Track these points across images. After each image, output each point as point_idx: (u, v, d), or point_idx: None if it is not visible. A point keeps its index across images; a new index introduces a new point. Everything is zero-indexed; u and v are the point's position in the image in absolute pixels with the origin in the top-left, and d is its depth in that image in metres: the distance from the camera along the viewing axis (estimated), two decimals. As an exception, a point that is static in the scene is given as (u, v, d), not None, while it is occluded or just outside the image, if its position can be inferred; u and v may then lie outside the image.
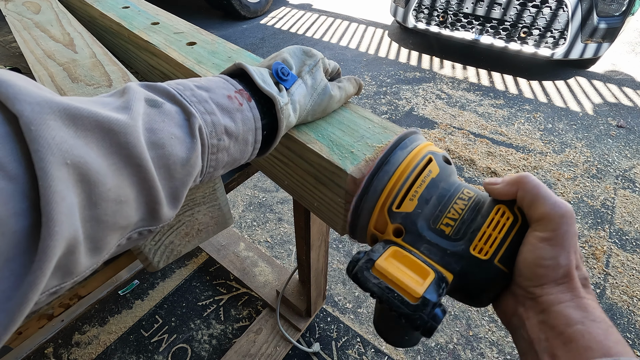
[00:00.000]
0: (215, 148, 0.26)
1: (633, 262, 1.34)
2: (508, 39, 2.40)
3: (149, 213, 0.22)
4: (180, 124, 0.23)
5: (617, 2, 2.14)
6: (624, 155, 1.86)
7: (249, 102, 0.28)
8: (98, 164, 0.18)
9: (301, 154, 0.37)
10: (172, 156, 0.22)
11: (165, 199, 0.22)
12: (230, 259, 1.24)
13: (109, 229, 0.19)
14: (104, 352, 1.06)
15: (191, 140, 0.23)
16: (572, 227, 0.23)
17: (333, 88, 0.37)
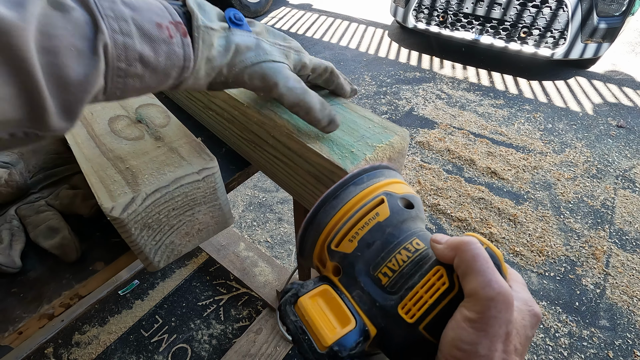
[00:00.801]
0: (123, 72, 0.24)
1: (633, 262, 1.34)
2: (508, 39, 2.40)
3: (33, 117, 0.21)
4: (85, 36, 0.21)
5: (617, 2, 2.14)
6: (624, 155, 1.87)
7: (184, 37, 0.26)
8: None
9: (301, 154, 0.36)
10: (66, 67, 0.20)
11: (54, 108, 0.21)
12: (230, 259, 1.24)
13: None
14: (104, 352, 1.06)
15: (92, 56, 0.21)
16: (503, 314, 0.19)
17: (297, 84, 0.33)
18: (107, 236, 0.41)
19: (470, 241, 0.22)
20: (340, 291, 0.25)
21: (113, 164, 0.36)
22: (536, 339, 1.12)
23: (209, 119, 0.53)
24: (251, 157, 0.48)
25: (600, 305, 1.21)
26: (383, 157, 0.34)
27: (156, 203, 0.34)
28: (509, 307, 0.19)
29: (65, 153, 0.48)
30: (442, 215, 1.51)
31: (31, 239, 0.39)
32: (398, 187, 0.28)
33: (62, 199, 0.42)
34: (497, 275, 0.20)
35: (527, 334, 0.21)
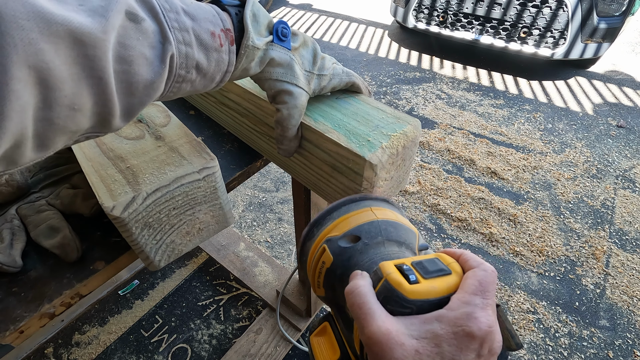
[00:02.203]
0: (181, 78, 0.25)
1: (633, 262, 1.34)
2: (508, 39, 2.40)
3: (101, 122, 0.22)
4: (153, 45, 0.22)
5: (617, 2, 2.14)
6: (624, 155, 1.87)
7: (231, 45, 0.28)
8: (60, 71, 0.18)
9: (318, 144, 0.37)
10: (136, 75, 0.22)
11: (119, 111, 0.22)
12: (230, 259, 1.24)
13: (59, 131, 0.20)
14: (104, 352, 1.06)
15: (160, 65, 0.23)
16: (380, 357, 0.18)
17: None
18: (107, 235, 0.41)
19: (350, 290, 0.21)
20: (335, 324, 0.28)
21: (114, 163, 0.36)
22: (536, 338, 1.12)
23: (221, 114, 0.53)
24: (264, 149, 0.49)
25: (600, 305, 1.21)
26: (398, 145, 0.35)
27: (157, 202, 0.34)
28: (384, 348, 0.18)
29: (66, 152, 0.48)
30: (442, 215, 1.51)
31: (32, 239, 0.39)
32: (343, 226, 0.28)
33: (62, 198, 0.42)
34: (369, 319, 0.19)
35: (455, 358, 0.18)
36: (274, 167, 1.77)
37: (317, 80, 0.37)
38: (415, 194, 1.60)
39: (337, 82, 0.39)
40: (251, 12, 0.29)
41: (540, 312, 1.19)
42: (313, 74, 0.36)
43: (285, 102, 0.34)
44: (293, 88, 0.34)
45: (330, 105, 0.40)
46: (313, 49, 0.37)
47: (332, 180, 0.39)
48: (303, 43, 0.35)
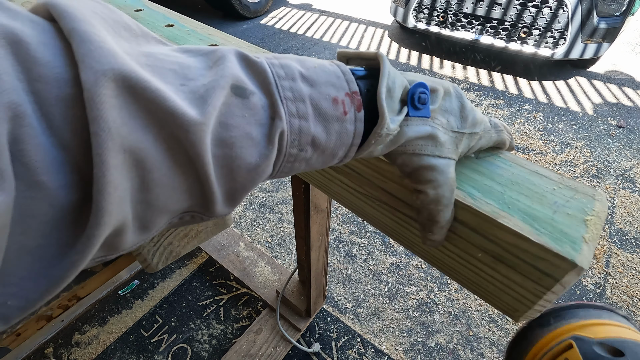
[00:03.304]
0: (292, 157, 0.21)
1: (633, 262, 1.34)
2: (508, 39, 2.40)
3: (202, 204, 0.20)
4: (261, 122, 0.19)
5: (617, 2, 2.13)
6: (624, 155, 1.86)
7: (358, 112, 0.22)
8: (154, 149, 0.16)
9: (481, 229, 0.28)
10: (238, 159, 0.19)
11: (220, 196, 0.20)
12: (230, 259, 1.24)
13: (159, 211, 0.18)
14: (104, 352, 1.06)
15: (266, 146, 0.19)
16: None
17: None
18: (105, 237, 0.41)
19: None
20: None
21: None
22: (536, 339, 1.12)
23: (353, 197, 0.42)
24: (369, 214, 0.39)
25: (600, 306, 1.21)
26: (597, 235, 0.26)
27: (155, 204, 0.34)
28: None
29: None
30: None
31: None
32: (597, 330, 0.24)
33: (61, 200, 0.42)
34: None
35: None
36: (273, 167, 1.77)
37: (467, 141, 0.28)
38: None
39: (486, 141, 0.30)
40: (386, 87, 0.22)
41: (540, 313, 1.19)
42: (463, 134, 0.27)
43: (429, 180, 0.26)
44: (437, 161, 0.25)
45: (474, 169, 0.31)
46: (458, 98, 0.27)
47: (490, 273, 0.30)
48: (444, 94, 0.27)
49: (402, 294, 1.23)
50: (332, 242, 1.41)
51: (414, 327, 1.14)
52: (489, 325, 1.15)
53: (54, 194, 0.14)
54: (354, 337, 1.11)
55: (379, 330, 1.13)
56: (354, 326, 1.14)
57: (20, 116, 0.13)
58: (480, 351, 1.08)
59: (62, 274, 0.15)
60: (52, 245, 0.14)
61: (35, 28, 0.14)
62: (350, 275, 1.29)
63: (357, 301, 1.21)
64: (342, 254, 1.36)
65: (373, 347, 1.08)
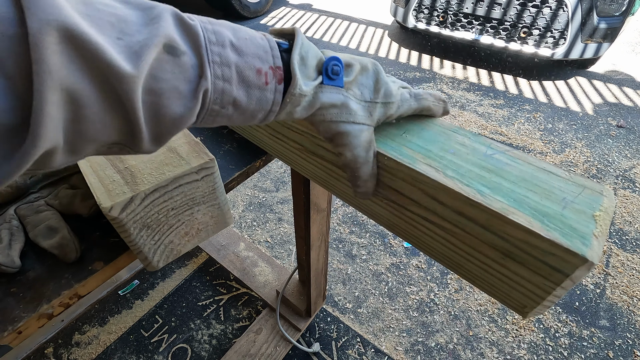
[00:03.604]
0: (215, 112, 0.24)
1: (633, 262, 1.34)
2: (508, 39, 2.40)
3: (131, 141, 0.22)
4: (189, 79, 0.22)
5: (617, 2, 2.14)
6: (624, 155, 1.86)
7: (278, 84, 0.26)
8: (89, 91, 0.18)
9: (489, 225, 0.28)
10: (165, 108, 0.21)
11: (147, 137, 0.22)
12: (230, 259, 1.24)
13: (88, 141, 0.20)
14: (104, 352, 1.06)
15: (191, 99, 0.22)
16: None
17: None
18: (106, 236, 0.41)
19: None
20: None
21: (112, 163, 0.36)
22: (536, 338, 1.12)
23: (306, 162, 0.44)
24: (376, 213, 0.39)
25: (600, 305, 1.21)
26: (606, 230, 0.26)
27: (155, 203, 0.34)
28: None
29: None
30: (442, 215, 1.51)
31: (30, 239, 0.39)
32: None
33: (61, 198, 0.42)
34: None
35: None
36: (273, 167, 1.77)
37: (381, 109, 0.32)
38: (415, 194, 1.60)
39: (406, 109, 0.35)
40: (299, 55, 0.26)
41: (540, 312, 1.19)
42: (376, 103, 0.32)
43: (345, 144, 0.30)
44: (351, 127, 0.30)
45: (483, 167, 0.31)
46: (374, 74, 0.32)
47: (498, 269, 0.30)
48: (360, 70, 0.31)
49: (402, 294, 1.23)
50: (332, 242, 1.41)
51: (414, 327, 1.14)
52: (489, 325, 1.15)
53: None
54: (354, 337, 1.11)
55: (379, 330, 1.13)
56: (354, 326, 1.14)
57: None
58: (480, 351, 1.08)
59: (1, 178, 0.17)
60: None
61: None
62: (350, 275, 1.29)
63: (357, 301, 1.21)
64: (342, 254, 1.36)
65: (373, 347, 1.08)
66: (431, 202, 0.32)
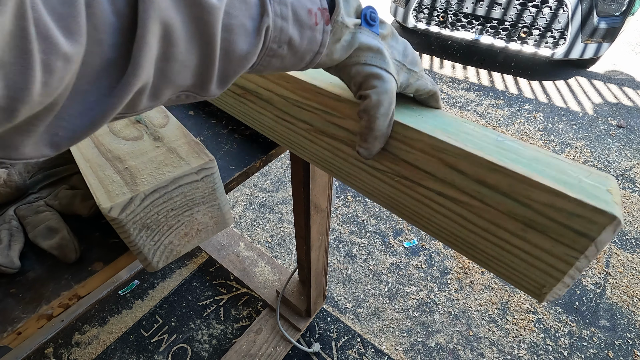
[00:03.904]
0: (272, 52, 0.26)
1: (633, 262, 1.34)
2: (508, 39, 2.40)
3: (201, 84, 0.24)
4: (253, 17, 0.24)
5: (617, 2, 2.14)
6: (624, 155, 1.86)
7: (326, 25, 0.27)
8: (180, 29, 0.20)
9: (512, 192, 0.28)
10: (234, 44, 0.23)
11: (216, 77, 0.24)
12: (230, 259, 1.24)
13: (169, 83, 0.22)
14: (104, 352, 1.06)
15: (255, 36, 0.24)
16: None
17: None
18: (106, 236, 0.41)
19: None
20: None
21: (112, 164, 0.36)
22: (536, 338, 1.12)
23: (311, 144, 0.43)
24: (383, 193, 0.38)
25: (600, 305, 1.21)
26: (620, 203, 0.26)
27: (155, 203, 0.34)
28: None
29: (64, 153, 0.48)
30: (442, 215, 1.51)
31: (30, 239, 0.39)
32: None
33: (61, 199, 0.42)
34: None
35: None
36: (273, 167, 1.77)
37: (406, 74, 0.34)
38: (415, 194, 1.60)
39: (423, 84, 0.36)
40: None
41: (541, 312, 1.19)
42: (404, 66, 0.34)
43: (374, 86, 0.31)
44: (383, 72, 0.31)
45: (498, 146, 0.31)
46: (403, 42, 0.35)
47: (517, 243, 0.29)
48: (392, 34, 0.33)
49: (402, 294, 1.23)
50: (332, 242, 1.41)
51: (414, 327, 1.14)
52: (489, 325, 1.15)
53: (106, 50, 0.18)
54: (354, 337, 1.11)
55: (379, 330, 1.13)
56: (354, 326, 1.14)
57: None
58: (480, 351, 1.08)
59: (101, 115, 0.19)
60: (95, 92, 0.19)
61: None
62: (350, 275, 1.29)
63: (357, 301, 1.21)
64: (342, 254, 1.36)
65: (373, 347, 1.08)
66: (449, 173, 0.31)
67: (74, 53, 0.16)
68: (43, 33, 0.15)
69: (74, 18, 0.16)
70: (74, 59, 0.16)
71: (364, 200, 1.58)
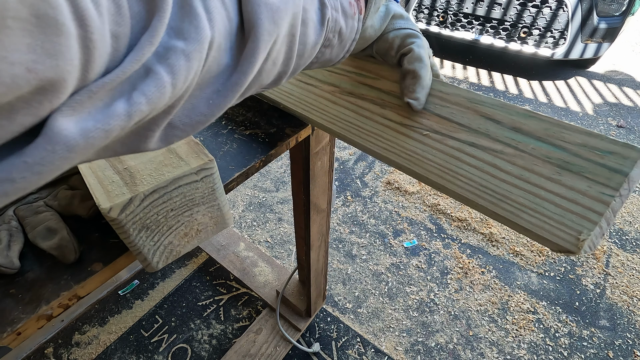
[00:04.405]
0: (328, 42, 0.28)
1: (633, 262, 1.34)
2: (508, 39, 2.40)
3: (277, 80, 0.26)
4: (316, 10, 0.25)
5: (617, 2, 2.13)
6: (624, 155, 1.86)
7: (360, 14, 0.30)
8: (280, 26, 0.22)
9: (547, 136, 0.29)
10: (308, 37, 0.25)
11: (290, 72, 0.26)
12: (230, 259, 1.24)
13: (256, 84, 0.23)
14: (104, 352, 1.06)
15: (321, 28, 0.26)
16: None
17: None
18: (105, 237, 0.41)
19: None
20: None
21: (111, 164, 0.36)
22: (536, 338, 1.12)
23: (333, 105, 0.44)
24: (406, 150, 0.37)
25: (600, 305, 1.21)
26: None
27: (154, 204, 0.34)
28: None
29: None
30: (442, 215, 1.51)
31: (29, 240, 0.39)
32: None
33: (60, 199, 0.42)
34: None
35: None
36: (273, 167, 1.77)
37: None
38: (416, 194, 1.60)
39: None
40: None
41: (541, 312, 1.19)
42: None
43: (413, 42, 0.35)
44: (416, 32, 0.36)
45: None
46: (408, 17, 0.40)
47: (552, 188, 0.29)
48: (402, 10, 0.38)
49: (402, 294, 1.23)
50: (332, 242, 1.41)
51: (414, 327, 1.14)
52: (489, 325, 1.15)
53: (222, 55, 0.20)
54: (354, 337, 1.11)
55: (379, 330, 1.13)
56: (354, 326, 1.14)
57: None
58: (480, 351, 1.08)
59: (208, 119, 0.21)
60: (205, 98, 0.20)
61: None
62: (350, 275, 1.29)
63: (357, 301, 1.21)
64: (342, 254, 1.36)
65: (373, 347, 1.08)
66: (484, 124, 0.33)
67: (194, 54, 0.18)
68: None
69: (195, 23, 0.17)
70: (194, 58, 0.18)
71: (364, 200, 1.58)
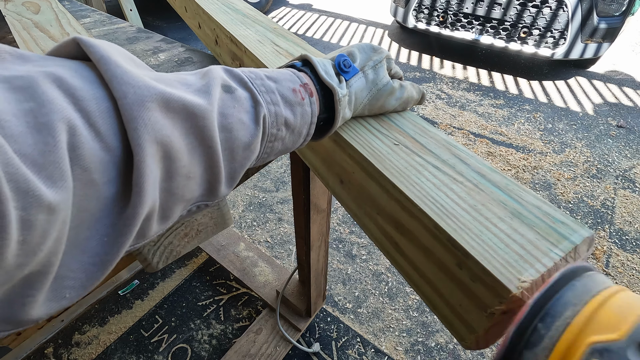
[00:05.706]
0: (273, 137, 0.27)
1: (633, 262, 1.34)
2: (508, 39, 2.40)
3: (209, 190, 0.24)
4: (248, 110, 0.25)
5: (617, 2, 2.14)
6: (624, 155, 1.86)
7: (311, 97, 0.30)
8: (178, 143, 0.20)
9: (506, 189, 0.31)
10: (237, 140, 0.24)
11: (224, 178, 0.24)
12: (230, 259, 1.24)
13: (177, 201, 0.22)
14: (104, 352, 1.06)
15: (255, 127, 0.25)
16: None
17: (394, 83, 0.37)
18: (106, 237, 0.41)
19: None
20: None
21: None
22: (536, 339, 1.12)
23: None
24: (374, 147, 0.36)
25: (600, 306, 1.21)
26: None
27: (155, 204, 0.34)
28: None
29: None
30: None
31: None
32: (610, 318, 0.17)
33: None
34: None
35: None
36: (273, 167, 1.77)
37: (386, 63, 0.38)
38: (415, 194, 1.60)
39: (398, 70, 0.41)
40: (324, 72, 0.31)
41: (540, 313, 1.19)
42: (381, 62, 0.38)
43: (388, 98, 0.37)
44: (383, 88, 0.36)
45: None
46: (369, 47, 0.38)
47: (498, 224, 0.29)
48: (358, 51, 0.36)
49: (402, 294, 1.23)
50: (332, 242, 1.41)
51: (414, 327, 1.14)
52: (489, 325, 1.15)
53: (101, 189, 0.17)
54: (354, 337, 1.11)
55: (379, 330, 1.13)
56: (354, 326, 1.14)
57: (74, 128, 0.16)
58: (480, 351, 1.08)
59: (109, 258, 0.18)
60: (97, 236, 0.17)
61: (65, 66, 0.18)
62: (350, 275, 1.29)
63: (357, 301, 1.21)
64: (342, 254, 1.36)
65: (373, 347, 1.08)
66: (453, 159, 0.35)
67: (59, 201, 0.15)
68: (22, 188, 0.14)
69: (56, 165, 0.15)
70: (59, 207, 0.15)
71: (364, 200, 1.58)
